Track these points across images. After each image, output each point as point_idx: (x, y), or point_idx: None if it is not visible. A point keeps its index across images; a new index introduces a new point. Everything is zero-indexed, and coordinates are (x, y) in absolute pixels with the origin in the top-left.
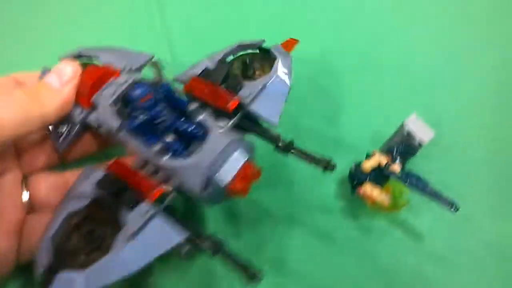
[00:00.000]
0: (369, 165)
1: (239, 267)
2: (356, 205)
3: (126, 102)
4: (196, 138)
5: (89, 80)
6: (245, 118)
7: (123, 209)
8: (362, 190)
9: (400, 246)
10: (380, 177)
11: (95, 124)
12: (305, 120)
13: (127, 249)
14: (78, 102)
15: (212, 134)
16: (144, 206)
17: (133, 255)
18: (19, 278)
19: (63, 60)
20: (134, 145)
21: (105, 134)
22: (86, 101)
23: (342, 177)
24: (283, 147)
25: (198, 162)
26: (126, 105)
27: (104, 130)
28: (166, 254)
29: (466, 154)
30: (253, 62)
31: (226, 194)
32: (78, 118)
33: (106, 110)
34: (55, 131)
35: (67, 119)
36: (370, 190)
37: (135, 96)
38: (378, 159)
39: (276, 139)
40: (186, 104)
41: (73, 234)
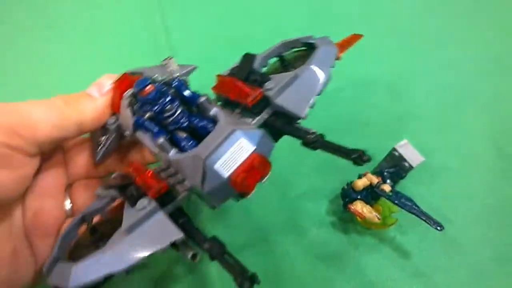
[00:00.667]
0: (361, 183)
1: (237, 270)
2: (346, 221)
3: (138, 101)
4: (207, 134)
5: (119, 87)
6: (275, 115)
7: (126, 205)
8: (353, 207)
9: (386, 262)
10: (370, 195)
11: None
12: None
13: (122, 243)
14: (114, 111)
15: (218, 125)
16: (143, 201)
17: (127, 250)
18: None
19: (106, 75)
20: (146, 142)
21: (130, 139)
22: (117, 108)
23: (334, 195)
24: (312, 143)
25: (198, 152)
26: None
27: (128, 134)
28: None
29: (455, 181)
30: (295, 60)
31: (231, 190)
32: (113, 126)
33: (124, 114)
34: (95, 139)
35: (106, 129)
36: (361, 207)
37: (136, 88)
38: (370, 179)
39: (305, 134)
40: (197, 99)
41: (82, 233)
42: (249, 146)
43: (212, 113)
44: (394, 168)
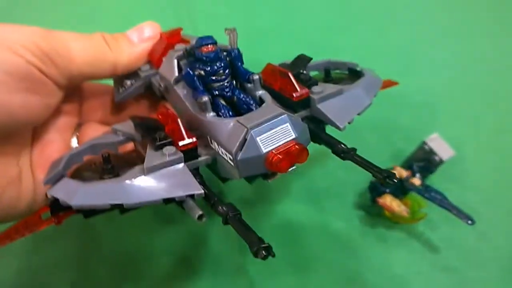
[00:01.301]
0: None
1: (253, 238)
2: (374, 215)
3: (190, 56)
4: (248, 111)
5: (165, 41)
6: (309, 119)
7: (148, 147)
8: (382, 200)
9: (415, 256)
10: (399, 190)
11: (157, 83)
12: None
13: (140, 179)
14: (150, 60)
15: (266, 104)
16: (171, 149)
17: (142, 187)
18: None
19: (147, 22)
20: (184, 97)
21: (163, 93)
22: (157, 61)
23: (362, 188)
24: (343, 153)
25: (243, 120)
26: (190, 60)
27: (163, 88)
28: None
29: (486, 174)
30: (339, 79)
31: (260, 166)
32: (144, 74)
33: (169, 64)
34: (120, 81)
35: (135, 75)
36: (389, 201)
37: (199, 43)
38: (399, 173)
39: (337, 143)
40: (249, 75)
41: (95, 162)
42: (291, 132)
43: (259, 93)
44: (424, 162)
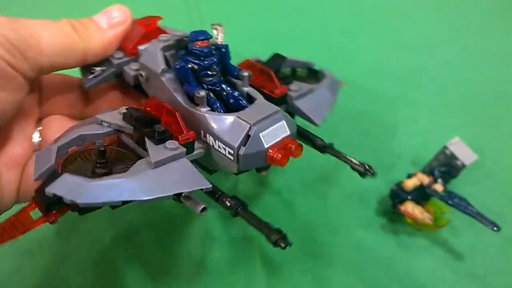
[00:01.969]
0: (411, 183)
1: (269, 229)
2: (396, 222)
3: (180, 48)
4: (237, 106)
5: (141, 29)
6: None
7: (148, 141)
8: (403, 208)
9: (439, 264)
10: (421, 196)
11: (132, 72)
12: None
13: (148, 174)
14: (122, 48)
15: (260, 100)
16: (173, 143)
17: (152, 183)
18: None
19: (116, 5)
20: (173, 90)
21: (142, 83)
22: (131, 49)
23: (382, 195)
24: (323, 147)
25: (244, 117)
26: (181, 53)
27: (144, 77)
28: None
29: (508, 179)
30: (304, 78)
31: (261, 160)
32: (117, 61)
33: (155, 54)
34: (88, 68)
35: (106, 61)
36: (411, 208)
37: (194, 37)
38: (421, 178)
39: (315, 138)
40: (238, 72)
41: (81, 153)
42: (286, 129)
43: (247, 89)
44: (446, 167)
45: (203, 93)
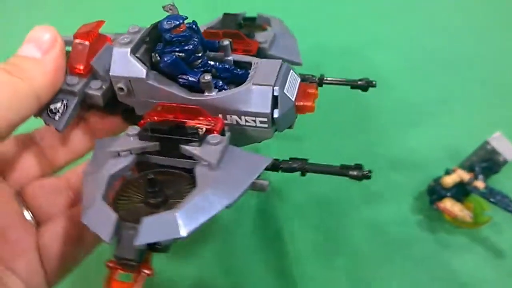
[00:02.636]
0: (451, 180)
1: (343, 170)
2: (433, 219)
3: (155, 43)
4: (235, 77)
5: (84, 42)
6: None
7: (185, 148)
8: (442, 205)
9: (480, 262)
10: (460, 192)
11: (97, 92)
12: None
13: (218, 178)
14: (72, 71)
15: (258, 62)
16: (213, 137)
17: (230, 181)
18: None
19: (36, 27)
20: (168, 87)
21: (122, 98)
22: (85, 68)
23: (419, 191)
24: (318, 79)
25: (260, 81)
26: (151, 49)
27: (125, 91)
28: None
29: None
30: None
31: (293, 114)
32: (77, 88)
33: (127, 61)
34: (49, 111)
35: (61, 94)
36: (450, 205)
37: (168, 25)
38: (461, 175)
39: (307, 76)
40: (218, 43)
41: (128, 189)
42: (296, 76)
43: (230, 57)
44: (487, 162)
45: (208, 76)
